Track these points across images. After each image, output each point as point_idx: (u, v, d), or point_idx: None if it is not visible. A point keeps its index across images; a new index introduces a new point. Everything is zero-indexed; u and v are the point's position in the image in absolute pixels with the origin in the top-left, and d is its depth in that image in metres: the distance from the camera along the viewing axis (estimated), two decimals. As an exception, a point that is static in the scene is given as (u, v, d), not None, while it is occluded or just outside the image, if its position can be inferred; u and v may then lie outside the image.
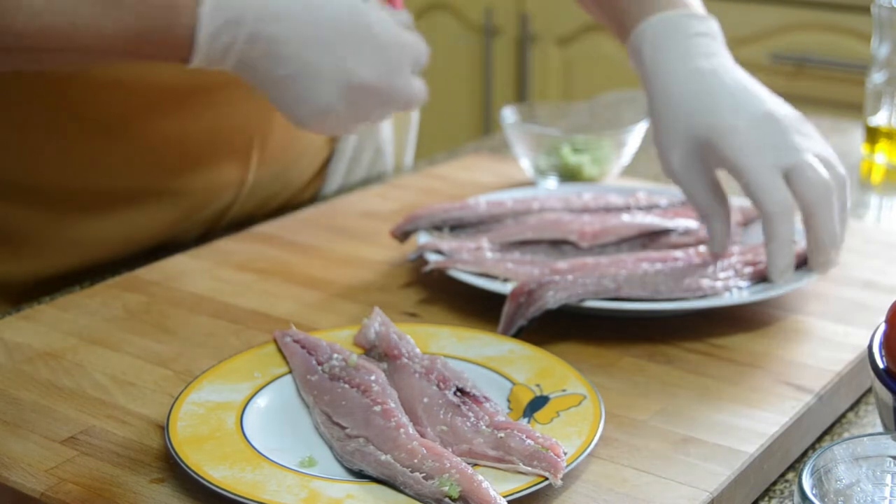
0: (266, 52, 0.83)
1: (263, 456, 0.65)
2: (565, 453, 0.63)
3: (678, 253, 0.89)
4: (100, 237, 1.00)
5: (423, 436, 0.66)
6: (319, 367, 0.73)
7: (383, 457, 0.63)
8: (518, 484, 0.61)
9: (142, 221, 1.01)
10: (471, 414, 0.67)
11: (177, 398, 0.70)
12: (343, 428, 0.67)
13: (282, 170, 1.10)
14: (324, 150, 1.16)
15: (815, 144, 0.85)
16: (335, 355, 0.74)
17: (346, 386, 0.70)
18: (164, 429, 0.68)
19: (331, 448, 0.67)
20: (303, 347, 0.75)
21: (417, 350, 0.75)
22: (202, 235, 1.07)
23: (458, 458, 0.62)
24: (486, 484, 0.59)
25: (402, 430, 0.65)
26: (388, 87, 0.87)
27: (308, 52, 0.83)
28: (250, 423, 0.69)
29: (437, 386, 0.70)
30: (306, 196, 1.17)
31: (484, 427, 0.66)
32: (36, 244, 0.98)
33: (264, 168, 1.07)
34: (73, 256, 0.99)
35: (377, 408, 0.67)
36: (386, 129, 1.21)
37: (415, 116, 1.27)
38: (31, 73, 0.90)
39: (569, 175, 1.14)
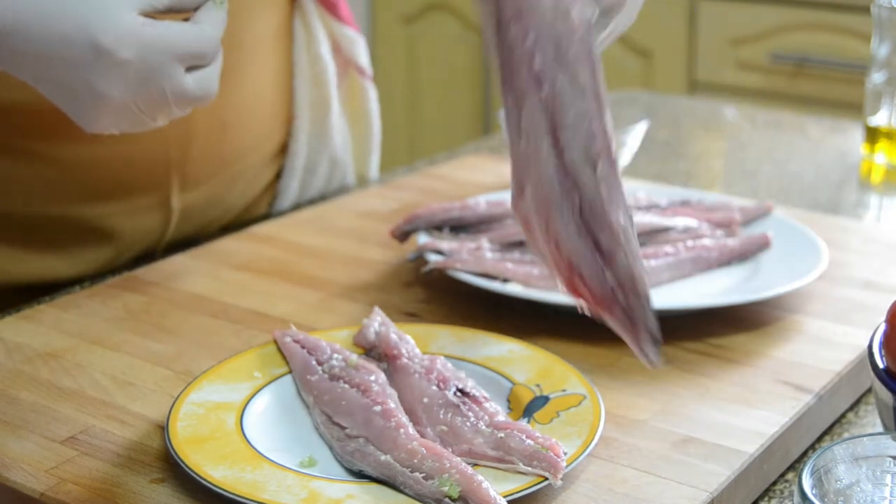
0: (20, 67, 0.74)
1: (263, 456, 0.65)
2: (565, 453, 0.63)
3: (669, 248, 0.91)
4: (20, 266, 0.97)
5: (422, 436, 0.66)
6: (319, 368, 0.73)
7: (383, 457, 0.63)
8: (518, 484, 0.61)
9: (68, 247, 0.98)
10: (471, 414, 0.67)
11: (177, 398, 0.70)
12: (343, 428, 0.67)
13: (215, 194, 1.05)
14: (268, 169, 1.11)
15: None
16: (335, 355, 0.74)
17: (346, 386, 0.70)
18: (164, 429, 0.68)
19: (331, 448, 0.67)
20: (303, 347, 0.75)
21: (417, 350, 0.75)
22: (140, 259, 1.03)
23: (458, 459, 0.62)
24: (485, 484, 0.59)
25: (401, 430, 0.65)
26: (151, 97, 0.75)
27: (54, 73, 0.74)
28: (250, 423, 0.69)
29: (437, 386, 0.70)
30: (257, 213, 1.13)
31: (484, 427, 0.66)
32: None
33: (191, 193, 1.02)
34: (41, 276, 0.97)
35: (377, 408, 0.67)
36: (339, 137, 1.17)
37: (376, 126, 1.21)
38: None
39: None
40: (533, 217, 0.61)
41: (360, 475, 0.64)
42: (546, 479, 0.62)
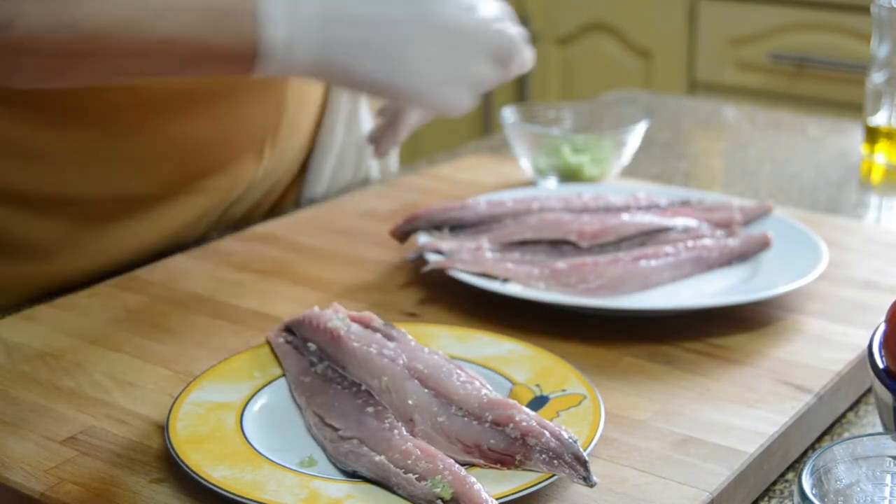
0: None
1: (263, 456, 0.65)
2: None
3: (669, 248, 0.91)
4: (122, 242, 1.00)
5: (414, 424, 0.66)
6: (312, 369, 0.73)
7: (377, 458, 0.63)
8: (515, 485, 0.61)
9: (163, 223, 1.01)
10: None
11: (177, 398, 0.70)
12: (336, 430, 0.66)
13: (277, 166, 1.10)
14: (305, 147, 1.14)
15: None
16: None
17: (339, 387, 0.70)
18: (164, 429, 0.68)
19: (324, 450, 0.67)
20: (298, 343, 0.75)
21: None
22: (203, 235, 1.07)
23: (452, 461, 0.62)
24: (478, 486, 0.59)
25: (395, 430, 0.65)
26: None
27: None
28: (250, 423, 0.69)
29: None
30: (289, 199, 1.16)
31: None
32: (59, 253, 0.97)
33: (269, 164, 1.07)
34: (95, 264, 0.99)
35: (370, 409, 0.67)
36: (366, 123, 1.19)
37: None
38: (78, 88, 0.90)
39: (569, 175, 1.14)
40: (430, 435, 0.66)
41: (354, 476, 0.64)
42: (543, 480, 0.62)
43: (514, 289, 0.86)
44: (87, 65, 0.81)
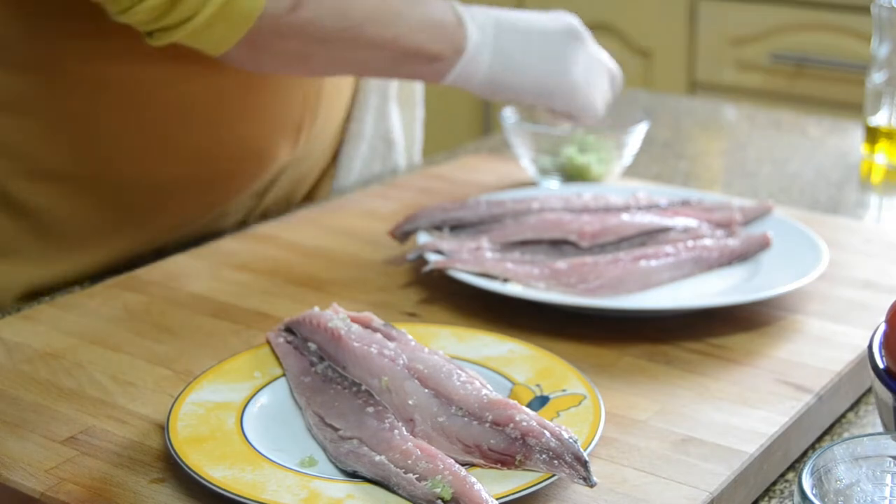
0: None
1: (263, 456, 0.65)
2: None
3: (669, 248, 0.91)
4: (159, 224, 1.02)
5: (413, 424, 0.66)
6: (313, 369, 0.73)
7: (377, 458, 0.63)
8: (515, 485, 0.61)
9: (197, 207, 1.04)
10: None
11: (177, 398, 0.70)
12: (336, 430, 0.67)
13: (310, 153, 1.12)
14: (336, 138, 1.17)
15: None
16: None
17: (339, 387, 0.70)
18: (164, 429, 0.68)
19: (324, 450, 0.67)
20: (303, 341, 0.75)
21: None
22: (242, 223, 1.11)
23: (452, 460, 0.62)
24: (478, 486, 0.59)
25: (395, 430, 0.65)
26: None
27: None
28: (250, 423, 0.69)
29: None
30: (323, 190, 1.19)
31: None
32: (100, 236, 1.00)
33: (303, 150, 1.10)
34: (131, 247, 1.01)
35: (370, 409, 0.67)
36: (394, 116, 1.21)
37: (420, 113, 1.27)
38: (106, 65, 0.93)
39: (575, 175, 1.14)
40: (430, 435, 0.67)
41: (355, 476, 0.64)
42: (543, 480, 0.62)
43: (514, 289, 0.86)
44: (331, 53, 0.93)
